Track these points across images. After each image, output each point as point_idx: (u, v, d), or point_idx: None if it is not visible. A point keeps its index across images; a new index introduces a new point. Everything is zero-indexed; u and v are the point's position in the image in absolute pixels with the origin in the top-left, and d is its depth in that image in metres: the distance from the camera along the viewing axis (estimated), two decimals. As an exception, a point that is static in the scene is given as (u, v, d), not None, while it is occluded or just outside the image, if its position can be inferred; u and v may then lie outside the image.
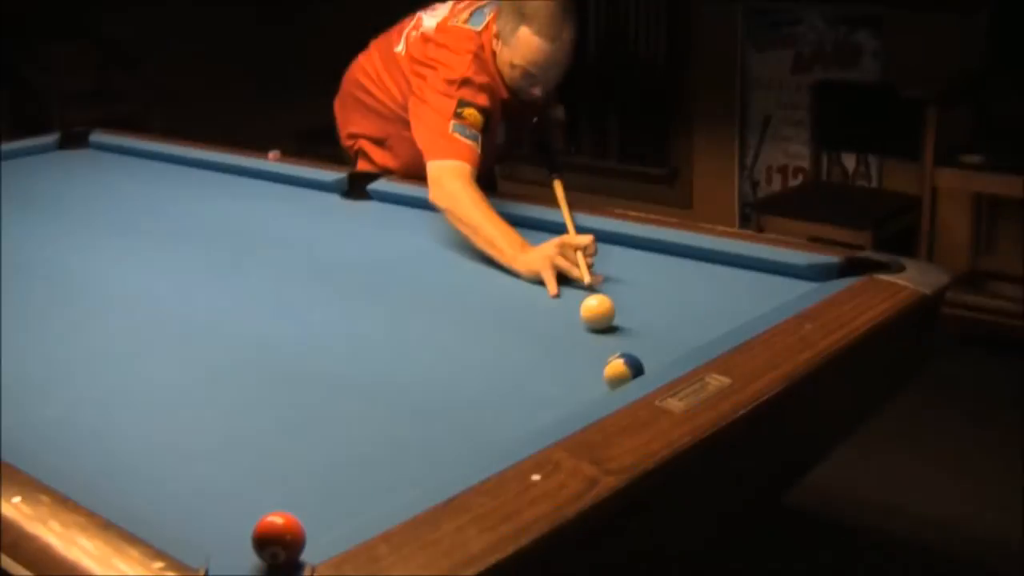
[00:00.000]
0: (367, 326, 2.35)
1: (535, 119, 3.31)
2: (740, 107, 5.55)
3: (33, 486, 1.60)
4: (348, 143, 3.52)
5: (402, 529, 1.43)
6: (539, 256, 2.55)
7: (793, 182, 5.46)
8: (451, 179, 2.82)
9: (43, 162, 3.99)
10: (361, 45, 3.45)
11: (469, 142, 2.87)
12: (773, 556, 2.91)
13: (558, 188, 2.91)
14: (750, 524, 2.22)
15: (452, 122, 2.88)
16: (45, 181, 3.72)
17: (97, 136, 4.15)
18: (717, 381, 1.84)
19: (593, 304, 2.25)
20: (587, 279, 2.42)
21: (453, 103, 2.89)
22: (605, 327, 2.23)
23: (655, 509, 1.67)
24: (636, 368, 1.95)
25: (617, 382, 1.94)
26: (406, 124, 3.09)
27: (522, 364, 2.11)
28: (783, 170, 5.49)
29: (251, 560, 1.41)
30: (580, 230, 2.69)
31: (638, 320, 2.27)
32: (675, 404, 1.76)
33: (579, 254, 2.49)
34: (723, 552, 2.08)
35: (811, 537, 3.18)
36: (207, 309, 2.48)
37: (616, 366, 1.95)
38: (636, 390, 1.83)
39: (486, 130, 2.92)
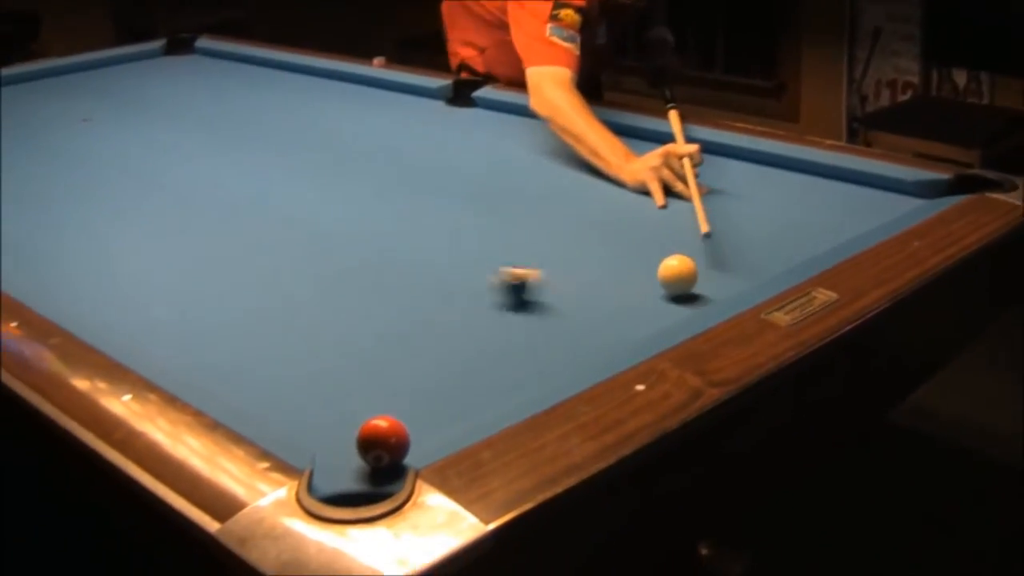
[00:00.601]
0: (471, 235, 2.34)
1: (644, 38, 3.26)
2: (849, 19, 5.43)
3: (143, 385, 1.62)
4: (452, 52, 3.50)
5: (505, 435, 1.43)
6: (644, 166, 2.51)
7: (902, 97, 5.34)
8: (551, 86, 2.78)
9: (149, 67, 4.03)
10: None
11: (567, 45, 2.82)
12: (873, 474, 2.89)
13: (674, 119, 2.80)
14: (851, 442, 2.20)
15: (549, 25, 2.83)
16: (152, 86, 3.76)
17: (202, 42, 4.18)
18: (824, 295, 1.81)
19: (673, 264, 1.97)
20: (693, 192, 2.38)
21: (549, 4, 2.85)
22: (684, 292, 1.96)
23: (758, 423, 1.66)
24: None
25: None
26: (507, 29, 3.06)
27: (627, 274, 2.09)
28: (892, 84, 5.37)
29: (355, 462, 1.42)
30: (686, 140, 2.65)
31: (744, 233, 2.24)
32: (781, 317, 1.74)
33: (686, 162, 2.46)
34: (823, 469, 2.06)
35: (910, 456, 3.15)
36: (314, 216, 2.49)
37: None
38: (741, 302, 1.81)
39: (585, 29, 2.87)
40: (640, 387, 1.53)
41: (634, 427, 1.45)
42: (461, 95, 3.30)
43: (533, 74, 2.84)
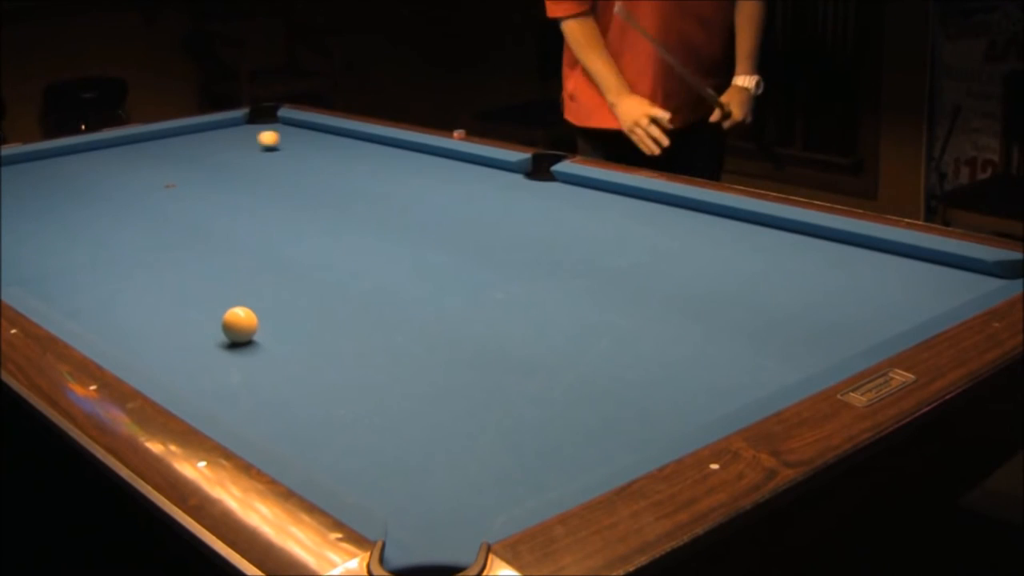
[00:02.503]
0: (546, 307, 2.34)
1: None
2: (929, 97, 5.42)
3: (218, 451, 1.64)
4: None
5: (578, 512, 1.43)
6: (628, 115, 3.35)
7: (981, 175, 5.31)
8: (568, 23, 3.52)
9: (233, 135, 4.09)
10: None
11: None
12: (947, 560, 2.84)
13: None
14: (925, 524, 2.17)
15: None
16: (235, 153, 3.82)
17: (286, 111, 4.24)
18: (901, 377, 1.80)
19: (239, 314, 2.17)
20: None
21: None
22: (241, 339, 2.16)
23: (833, 504, 1.64)
24: None
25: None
26: None
27: (700, 352, 2.09)
28: (971, 162, 5.34)
29: (428, 535, 1.42)
30: (765, 218, 2.72)
31: (821, 312, 2.23)
32: (857, 398, 1.72)
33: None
34: (896, 552, 2.03)
35: (984, 539, 3.10)
36: (391, 286, 2.51)
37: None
38: (817, 382, 1.79)
39: None
40: (714, 466, 1.52)
41: (708, 506, 1.44)
42: (540, 168, 3.31)
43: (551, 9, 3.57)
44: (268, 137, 3.70)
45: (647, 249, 2.69)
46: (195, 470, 1.60)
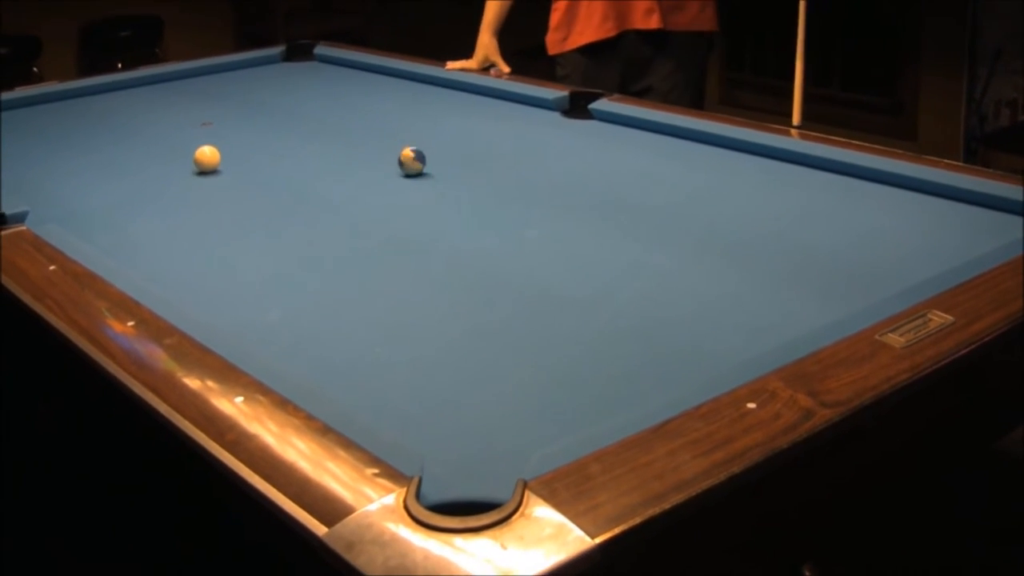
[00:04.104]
0: (582, 246, 2.34)
1: None
2: (970, 38, 5.35)
3: (255, 387, 1.64)
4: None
5: (614, 450, 1.43)
6: (476, 53, 3.82)
7: (1022, 117, 5.25)
8: None
9: (269, 73, 4.08)
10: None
11: None
12: (983, 504, 2.83)
13: None
14: (961, 467, 2.16)
15: None
16: (271, 91, 3.82)
17: (321, 49, 4.23)
18: (939, 318, 1.78)
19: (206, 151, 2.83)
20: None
21: None
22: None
23: (869, 445, 1.64)
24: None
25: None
26: None
27: (739, 290, 2.08)
28: (1012, 104, 5.28)
29: (464, 471, 1.42)
30: (803, 158, 2.71)
31: (859, 253, 2.22)
32: (895, 339, 1.71)
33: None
34: (931, 494, 2.03)
35: (1021, 483, 3.09)
36: (426, 224, 2.51)
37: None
38: (855, 323, 1.78)
39: None
40: (751, 406, 1.52)
41: (744, 445, 1.43)
42: (577, 106, 3.30)
43: None
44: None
45: (684, 188, 2.68)
46: (232, 405, 1.61)
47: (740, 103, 6.13)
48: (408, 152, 2.75)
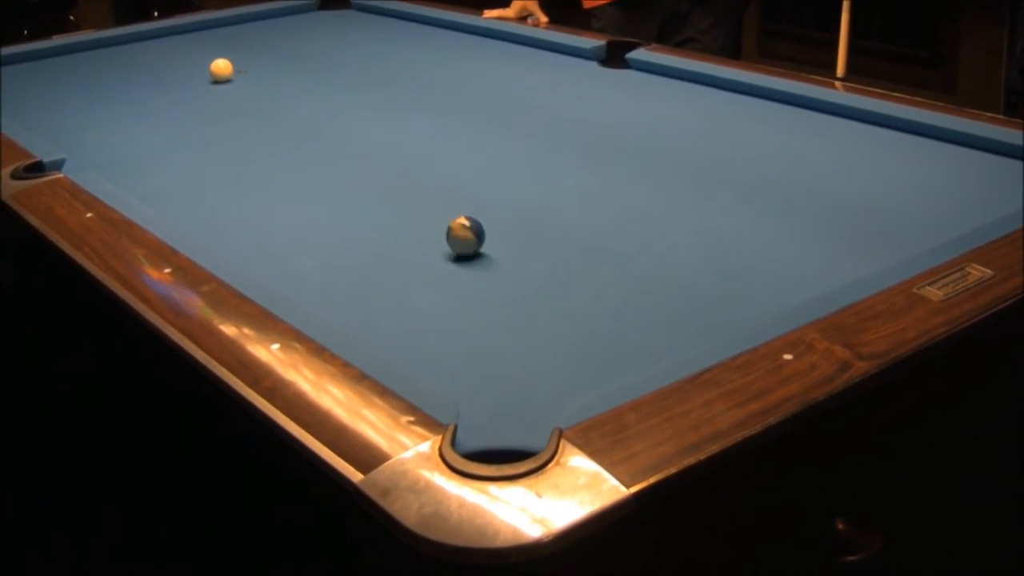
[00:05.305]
0: (618, 196, 2.33)
1: None
2: (1012, -11, 5.29)
3: (291, 334, 1.65)
4: None
5: (650, 400, 1.43)
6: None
7: (1063, 71, 5.19)
8: None
9: (304, 21, 4.07)
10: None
11: None
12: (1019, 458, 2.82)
13: None
14: (1000, 426, 2.15)
15: None
16: (306, 40, 3.81)
17: (354, -5, 4.22)
18: (978, 272, 1.77)
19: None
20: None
21: None
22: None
23: (906, 399, 1.63)
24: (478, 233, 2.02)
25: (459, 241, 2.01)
26: None
27: (776, 242, 2.07)
28: (1054, 58, 5.22)
29: (500, 420, 1.43)
30: (842, 109, 2.68)
31: (898, 206, 2.20)
32: (933, 292, 1.70)
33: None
34: (966, 449, 2.02)
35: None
36: (463, 172, 2.51)
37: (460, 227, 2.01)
38: (892, 275, 1.77)
39: None
40: (788, 357, 1.52)
41: (780, 397, 1.43)
42: (615, 55, 3.28)
43: None
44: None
45: (721, 139, 2.66)
46: (268, 352, 1.61)
47: (778, 54, 6.09)
48: (462, 222, 2.02)
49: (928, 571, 1.86)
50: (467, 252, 2.00)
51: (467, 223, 2.00)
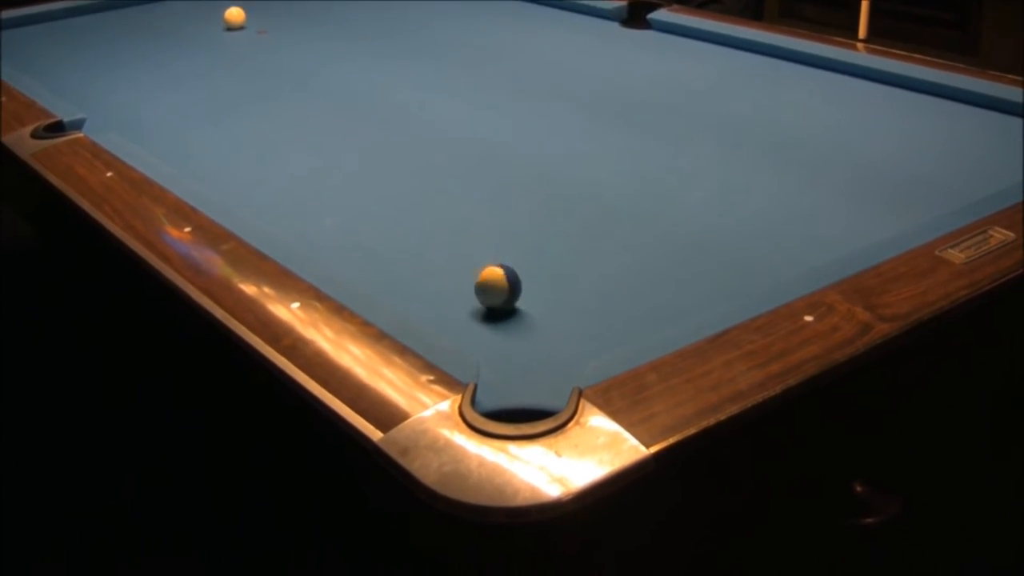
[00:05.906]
0: (640, 156, 2.32)
1: None
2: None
3: (311, 293, 1.65)
4: None
5: (670, 360, 1.43)
6: None
7: (1090, 34, 5.15)
8: None
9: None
10: None
11: None
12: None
13: None
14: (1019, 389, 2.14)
15: None
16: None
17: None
18: (1000, 235, 1.76)
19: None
20: None
21: None
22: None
23: (926, 362, 1.62)
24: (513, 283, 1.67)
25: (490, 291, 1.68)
26: None
27: (798, 203, 2.06)
28: (1079, 21, 5.18)
29: (519, 379, 1.43)
30: (864, 71, 2.67)
31: (920, 169, 2.19)
32: (955, 255, 1.69)
33: None
34: (988, 412, 2.01)
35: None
36: (484, 133, 2.50)
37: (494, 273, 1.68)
38: (914, 237, 1.76)
39: None
40: (808, 318, 1.51)
41: (801, 358, 1.43)
42: (636, 16, 3.26)
43: None
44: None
45: (743, 100, 2.65)
46: (288, 311, 1.62)
47: (800, 15, 6.04)
48: (496, 272, 1.68)
49: (945, 535, 1.86)
50: (496, 304, 1.68)
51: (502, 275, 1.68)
